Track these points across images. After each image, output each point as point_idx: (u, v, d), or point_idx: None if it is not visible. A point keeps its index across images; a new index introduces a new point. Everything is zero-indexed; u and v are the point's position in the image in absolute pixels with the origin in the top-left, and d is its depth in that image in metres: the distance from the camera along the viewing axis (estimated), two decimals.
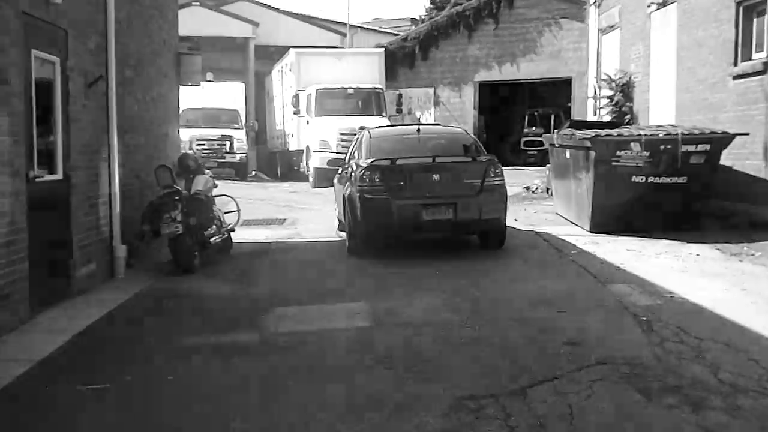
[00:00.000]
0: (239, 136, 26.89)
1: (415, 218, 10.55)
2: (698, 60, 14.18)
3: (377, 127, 13.95)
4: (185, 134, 20.57)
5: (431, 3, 40.28)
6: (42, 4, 7.66)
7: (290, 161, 27.39)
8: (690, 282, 8.70)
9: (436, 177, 10.65)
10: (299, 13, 37.39)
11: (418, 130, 12.32)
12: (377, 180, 10.59)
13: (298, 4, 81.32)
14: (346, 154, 13.40)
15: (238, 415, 4.94)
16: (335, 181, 13.29)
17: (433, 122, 27.21)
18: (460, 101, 30.58)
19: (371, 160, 10.97)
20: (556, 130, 15.29)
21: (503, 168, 11.18)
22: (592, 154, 11.88)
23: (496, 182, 10.82)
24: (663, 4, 15.90)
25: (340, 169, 12.94)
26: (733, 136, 11.84)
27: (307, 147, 23.86)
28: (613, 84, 18.49)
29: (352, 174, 11.20)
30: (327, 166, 21.08)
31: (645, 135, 11.87)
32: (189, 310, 8.19)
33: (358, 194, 10.66)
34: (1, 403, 5.29)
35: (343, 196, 11.54)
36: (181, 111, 13.99)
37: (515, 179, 23.02)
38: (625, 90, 18.16)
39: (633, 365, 5.74)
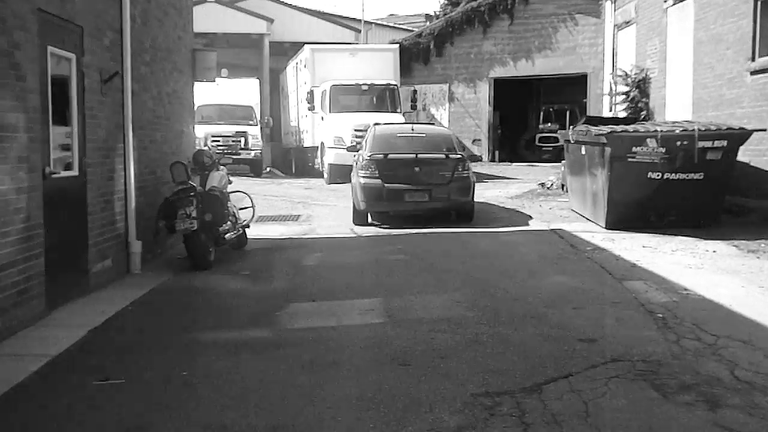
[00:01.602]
0: (254, 132, 26.93)
1: (400, 199, 13.65)
2: (715, 55, 14.09)
3: (382, 125, 16.23)
4: (200, 130, 20.65)
5: None
6: (58, 0, 7.69)
7: (305, 157, 27.40)
8: (706, 279, 8.66)
9: (417, 169, 13.66)
10: (314, 10, 37.41)
11: (412, 129, 15.33)
12: (373, 169, 13.66)
13: (313, 1, 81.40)
14: (360, 145, 16.03)
15: (252, 411, 4.95)
16: (352, 164, 15.61)
17: (427, 121, 27.26)
18: (475, 97, 30.51)
19: (371, 153, 13.98)
20: (571, 126, 15.25)
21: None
22: (608, 150, 11.82)
23: (464, 175, 13.78)
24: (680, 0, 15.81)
25: (355, 155, 15.60)
26: (751, 132, 11.75)
27: (322, 143, 23.87)
28: (629, 80, 18.42)
29: (359, 163, 14.30)
30: (342, 163, 21.11)
31: (661, 131, 11.80)
32: (203, 306, 8.21)
33: (360, 179, 13.74)
34: (17, 399, 5.32)
35: (351, 180, 14.60)
36: (196, 107, 14.03)
37: (530, 175, 22.99)
38: (641, 86, 18.09)
39: (649, 362, 5.71)
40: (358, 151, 15.49)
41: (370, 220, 14.10)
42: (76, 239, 8.23)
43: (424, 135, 15.05)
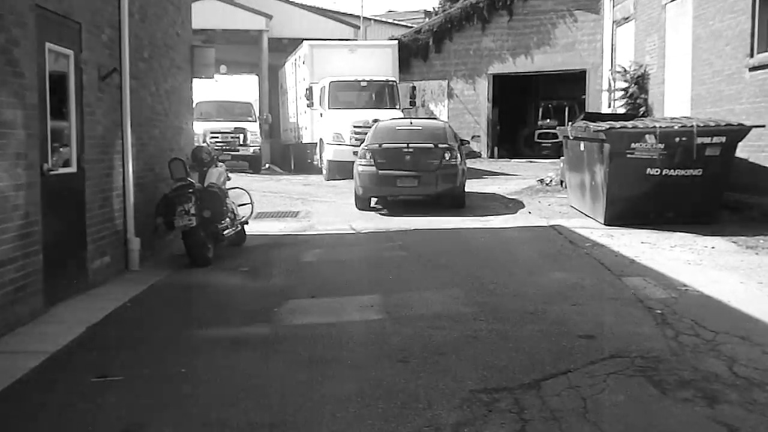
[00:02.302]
0: (253, 128, 26.91)
1: (392, 184, 15.00)
2: (714, 51, 14.07)
3: (384, 121, 17.60)
4: (199, 127, 20.57)
5: None
6: None
7: (304, 154, 27.38)
8: (705, 275, 8.66)
9: (407, 157, 14.99)
10: (313, 6, 37.32)
11: (411, 123, 16.91)
12: (369, 157, 15.14)
13: None
14: (360, 144, 16.92)
15: (251, 408, 4.94)
16: (353, 160, 16.88)
17: (427, 116, 27.45)
18: (474, 94, 30.48)
19: (368, 144, 15.53)
20: (570, 123, 15.26)
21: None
22: (607, 146, 11.82)
23: (451, 163, 14.98)
24: None
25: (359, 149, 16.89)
26: (749, 128, 11.74)
27: (321, 140, 23.85)
28: (628, 76, 18.39)
29: (359, 153, 15.70)
30: (341, 159, 21.17)
31: (660, 127, 11.79)
32: (202, 303, 8.21)
33: (359, 167, 15.27)
34: (15, 396, 5.32)
35: (353, 167, 15.92)
36: (194, 104, 14.00)
37: (529, 172, 22.98)
38: (639, 82, 18.07)
39: (648, 358, 5.71)
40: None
41: (372, 205, 15.59)
42: (74, 236, 8.21)
43: (420, 127, 16.34)
